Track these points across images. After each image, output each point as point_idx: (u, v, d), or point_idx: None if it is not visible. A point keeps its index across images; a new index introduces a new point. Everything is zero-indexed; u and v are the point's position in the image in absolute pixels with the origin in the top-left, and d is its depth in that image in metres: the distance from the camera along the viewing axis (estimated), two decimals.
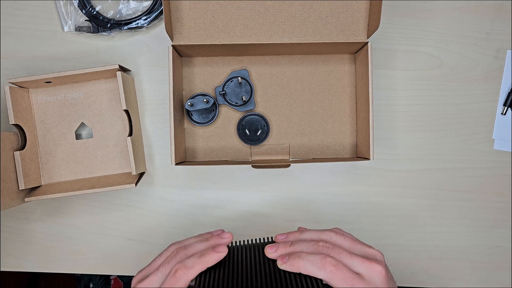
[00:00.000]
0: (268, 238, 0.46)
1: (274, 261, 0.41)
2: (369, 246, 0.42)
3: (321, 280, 0.38)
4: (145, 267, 0.43)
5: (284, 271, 0.40)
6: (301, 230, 0.45)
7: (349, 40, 0.52)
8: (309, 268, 0.38)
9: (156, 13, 0.57)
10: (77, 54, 0.59)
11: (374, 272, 0.38)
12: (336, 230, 0.43)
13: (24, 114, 0.54)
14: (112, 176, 0.56)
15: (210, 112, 0.57)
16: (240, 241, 0.46)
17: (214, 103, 0.56)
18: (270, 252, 0.41)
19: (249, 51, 0.55)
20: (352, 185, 0.59)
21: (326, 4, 0.52)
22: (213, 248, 0.41)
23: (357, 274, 0.38)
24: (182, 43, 0.52)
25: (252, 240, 0.46)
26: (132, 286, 0.42)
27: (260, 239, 0.46)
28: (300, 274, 0.39)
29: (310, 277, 0.39)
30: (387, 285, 0.39)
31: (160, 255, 0.44)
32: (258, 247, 0.44)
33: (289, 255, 0.40)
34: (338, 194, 0.59)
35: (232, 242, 0.45)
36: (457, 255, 0.59)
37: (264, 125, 0.57)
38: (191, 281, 0.39)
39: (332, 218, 0.59)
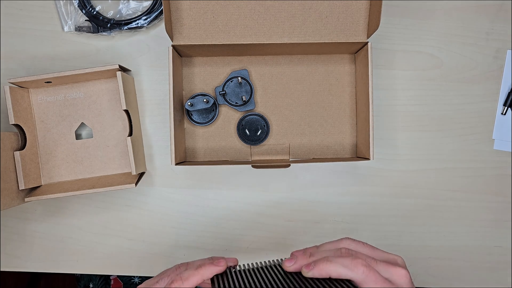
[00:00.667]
0: (276, 259, 0.43)
1: (293, 276, 0.39)
2: (388, 252, 0.40)
3: (351, 282, 0.37)
4: (150, 279, 0.43)
5: (308, 280, 0.37)
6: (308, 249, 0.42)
7: (349, 40, 0.52)
8: (340, 270, 0.36)
9: (156, 13, 0.57)
10: (77, 54, 0.59)
11: (400, 276, 0.38)
12: (351, 238, 0.42)
13: (24, 114, 0.54)
14: (112, 176, 0.56)
15: (210, 112, 0.57)
16: (245, 264, 0.43)
17: (214, 103, 0.56)
18: (289, 265, 0.39)
19: (249, 51, 0.55)
20: (352, 185, 0.59)
21: (326, 4, 0.52)
22: (212, 261, 0.40)
23: (385, 278, 0.37)
24: (182, 43, 0.52)
25: (257, 263, 0.43)
26: None
27: (267, 261, 0.43)
28: (328, 278, 0.37)
29: (340, 280, 0.37)
30: None
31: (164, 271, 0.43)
32: (270, 267, 0.41)
33: (315, 261, 0.38)
34: (338, 194, 0.59)
35: (240, 265, 0.43)
36: (457, 255, 0.59)
37: (264, 125, 0.57)
38: None
39: (332, 218, 0.59)
